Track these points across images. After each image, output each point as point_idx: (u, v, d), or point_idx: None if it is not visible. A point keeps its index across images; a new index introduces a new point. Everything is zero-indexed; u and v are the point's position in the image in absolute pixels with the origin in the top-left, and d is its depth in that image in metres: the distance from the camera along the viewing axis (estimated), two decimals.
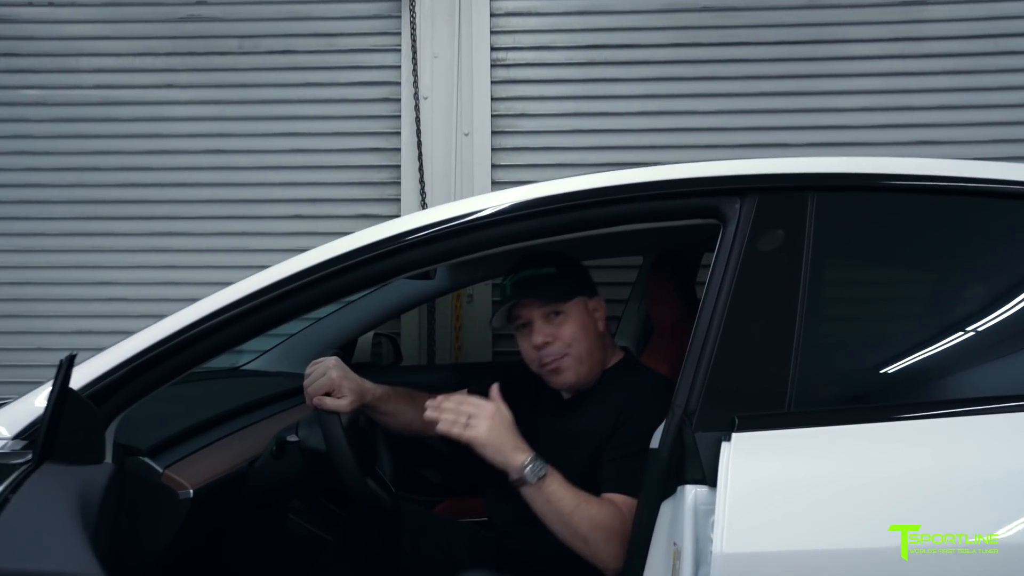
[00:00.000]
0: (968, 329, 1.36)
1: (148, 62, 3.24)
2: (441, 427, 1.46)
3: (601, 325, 1.72)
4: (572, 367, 1.66)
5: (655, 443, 1.30)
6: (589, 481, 1.51)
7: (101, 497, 1.16)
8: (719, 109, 3.12)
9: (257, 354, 2.61)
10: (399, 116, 3.17)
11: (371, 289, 2.47)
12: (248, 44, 3.22)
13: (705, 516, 1.15)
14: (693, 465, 1.19)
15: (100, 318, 3.19)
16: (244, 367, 2.57)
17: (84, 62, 3.25)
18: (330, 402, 1.65)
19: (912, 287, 1.48)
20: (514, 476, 1.45)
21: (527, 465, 1.43)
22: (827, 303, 1.41)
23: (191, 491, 1.46)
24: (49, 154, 3.25)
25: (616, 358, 1.75)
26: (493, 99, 3.15)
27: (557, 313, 1.65)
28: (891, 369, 1.35)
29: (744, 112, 3.11)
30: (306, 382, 1.68)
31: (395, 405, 1.82)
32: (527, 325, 1.67)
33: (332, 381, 1.66)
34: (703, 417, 1.22)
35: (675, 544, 1.19)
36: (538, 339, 1.65)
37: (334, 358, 1.72)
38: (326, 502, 2.09)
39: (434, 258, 1.40)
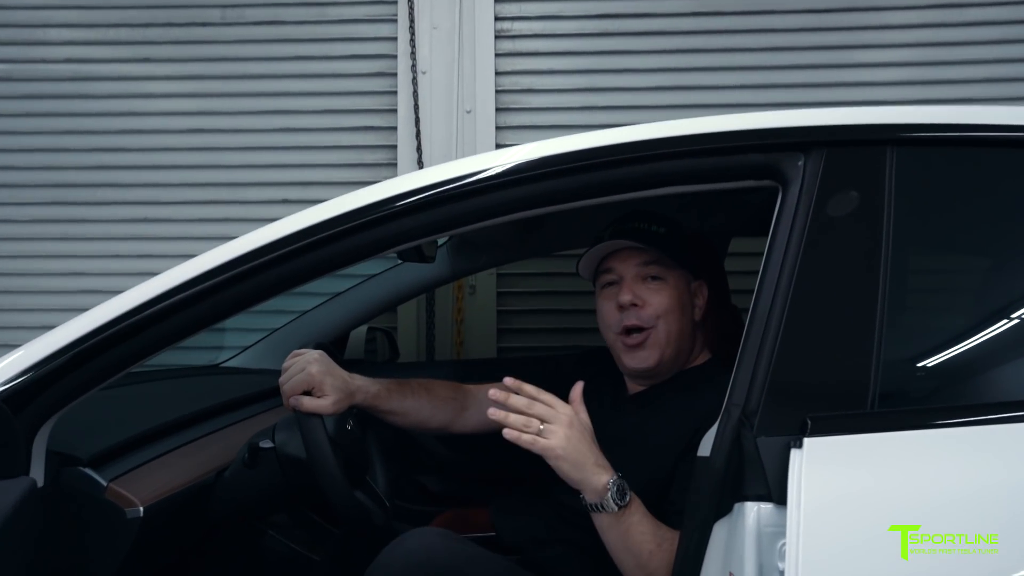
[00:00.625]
0: None
1: (123, 34, 3.04)
2: (508, 434, 1.24)
3: (699, 313, 1.54)
4: (656, 346, 1.48)
5: (705, 450, 1.10)
6: (647, 499, 1.31)
7: (8, 517, 1.00)
8: (742, 84, 2.92)
9: (238, 350, 2.41)
10: (395, 92, 2.98)
11: (360, 270, 2.36)
12: (231, 14, 3.02)
13: (771, 540, 0.98)
14: (755, 477, 1.01)
15: (71, 311, 2.88)
16: (223, 364, 2.38)
17: (53, 33, 3.06)
18: (309, 403, 1.42)
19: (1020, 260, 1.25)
20: (591, 499, 1.26)
21: (610, 488, 1.24)
22: (914, 279, 1.19)
23: (141, 508, 1.26)
24: (16, 134, 3.05)
25: (702, 359, 1.57)
26: (497, 73, 2.96)
27: (655, 278, 1.48)
28: (1001, 359, 1.13)
29: (770, 87, 2.91)
30: (282, 379, 1.46)
31: (401, 401, 1.59)
32: (615, 283, 1.50)
33: (311, 378, 1.43)
34: (766, 419, 1.03)
35: (731, 574, 1.02)
36: (625, 297, 1.47)
37: (316, 352, 1.50)
38: (313, 515, 1.88)
39: (431, 228, 1.22)
